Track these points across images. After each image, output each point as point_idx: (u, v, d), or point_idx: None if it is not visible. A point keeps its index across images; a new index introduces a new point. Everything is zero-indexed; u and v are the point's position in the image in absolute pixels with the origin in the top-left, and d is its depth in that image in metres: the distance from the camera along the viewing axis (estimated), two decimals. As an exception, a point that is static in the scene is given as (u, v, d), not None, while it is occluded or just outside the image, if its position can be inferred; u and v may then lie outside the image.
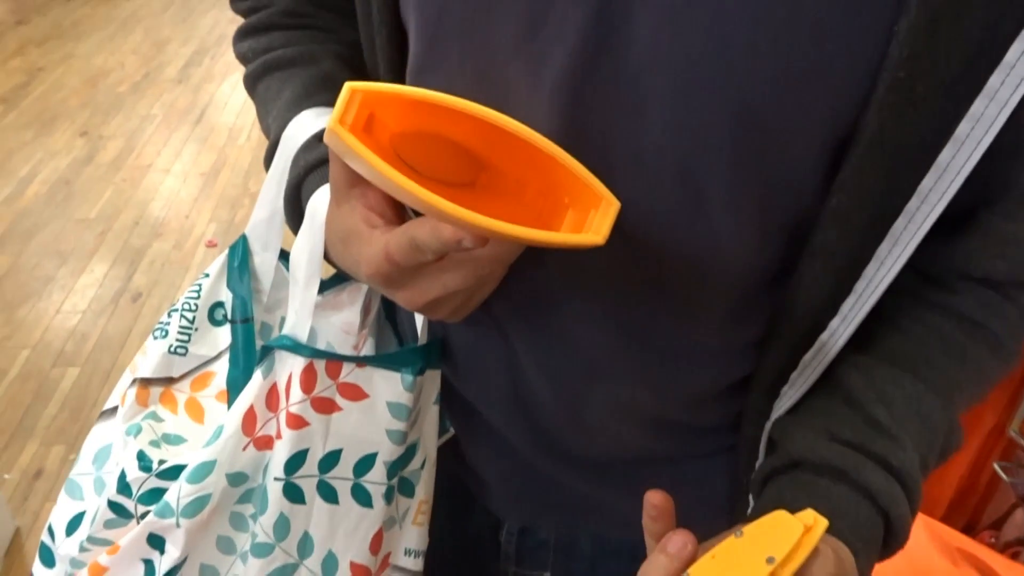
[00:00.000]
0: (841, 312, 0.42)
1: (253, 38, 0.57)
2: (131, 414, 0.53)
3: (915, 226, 0.38)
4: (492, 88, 0.41)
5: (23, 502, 1.59)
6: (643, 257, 0.42)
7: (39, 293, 2.13)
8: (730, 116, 0.36)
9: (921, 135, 0.36)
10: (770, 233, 0.41)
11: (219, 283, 0.56)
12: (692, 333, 0.46)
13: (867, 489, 0.40)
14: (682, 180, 0.39)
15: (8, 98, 3.10)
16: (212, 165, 2.70)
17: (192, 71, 3.36)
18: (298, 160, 0.49)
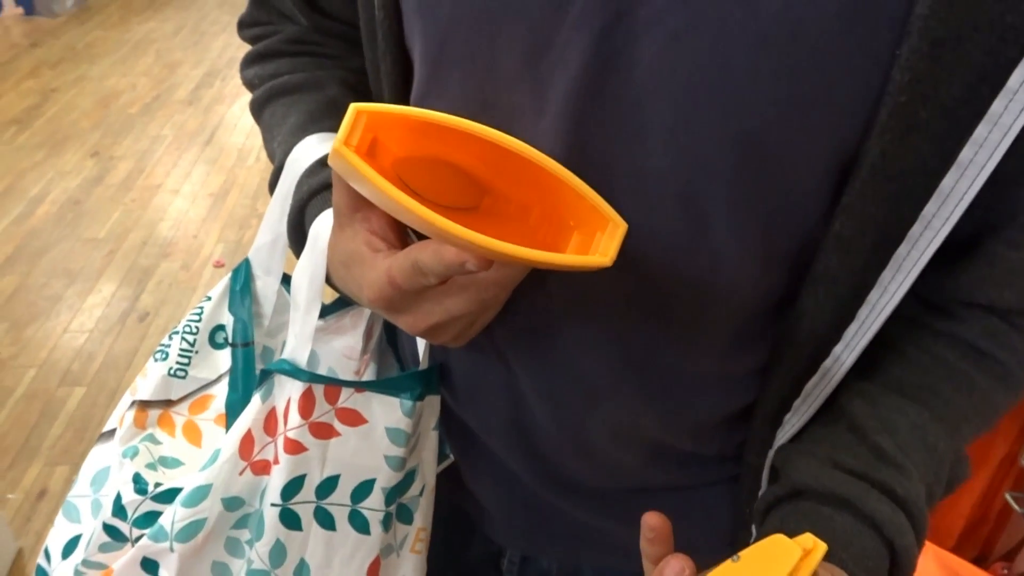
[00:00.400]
0: (844, 339, 0.42)
1: (259, 65, 0.57)
2: (128, 436, 0.52)
3: (918, 252, 0.38)
4: (495, 113, 0.41)
5: (26, 523, 1.58)
6: (646, 282, 0.42)
7: (47, 312, 2.13)
8: (732, 140, 0.36)
9: (924, 160, 0.35)
10: (773, 259, 0.41)
11: (221, 306, 0.56)
12: (694, 360, 0.46)
13: (872, 518, 0.39)
14: (684, 204, 0.38)
15: (21, 119, 3.13)
16: (221, 186, 2.71)
17: (202, 93, 3.39)
18: (302, 184, 0.49)
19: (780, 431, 0.46)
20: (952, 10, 0.31)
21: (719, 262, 0.40)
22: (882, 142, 0.34)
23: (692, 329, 0.44)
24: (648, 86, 0.36)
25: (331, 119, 0.53)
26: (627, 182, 0.39)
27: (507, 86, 0.40)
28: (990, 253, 0.40)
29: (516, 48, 0.38)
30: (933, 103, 0.33)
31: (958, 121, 0.34)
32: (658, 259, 0.41)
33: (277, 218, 0.52)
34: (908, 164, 0.35)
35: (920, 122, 0.34)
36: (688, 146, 0.37)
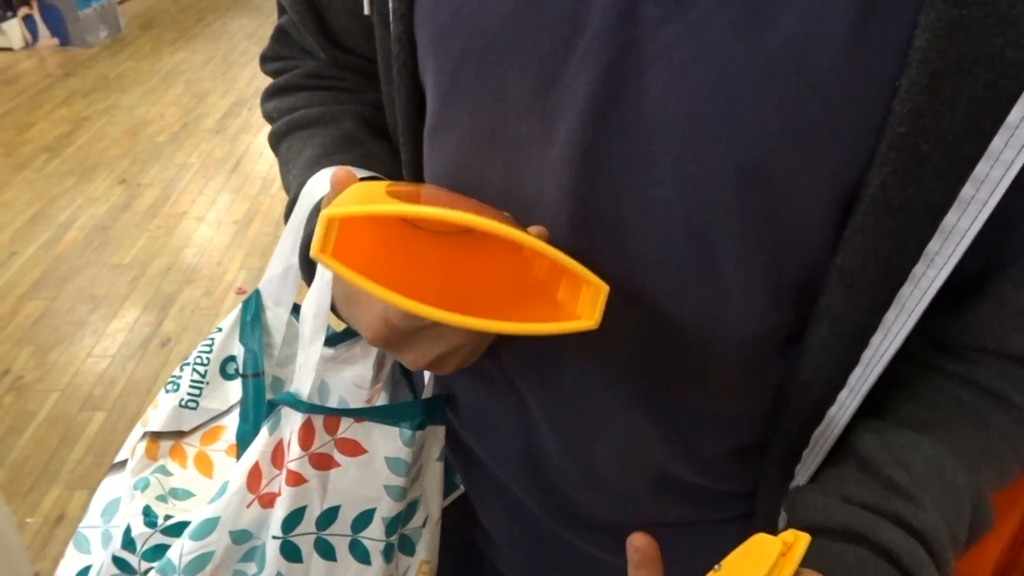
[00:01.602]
0: (849, 384, 0.41)
1: (278, 99, 0.59)
2: (140, 468, 0.53)
3: (921, 291, 0.37)
4: (504, 146, 0.41)
5: (43, 548, 1.59)
6: (653, 313, 0.42)
7: (71, 337, 2.16)
8: (737, 171, 0.36)
9: (926, 195, 0.35)
10: (781, 292, 0.40)
11: (232, 337, 0.57)
12: (701, 394, 0.45)
13: (887, 550, 0.37)
14: (692, 235, 0.38)
15: (53, 146, 3.20)
16: (245, 214, 2.75)
17: (229, 122, 3.45)
18: (310, 222, 0.50)
19: (792, 481, 0.45)
20: (951, 43, 0.31)
21: (727, 294, 0.40)
22: (882, 174, 0.34)
23: (699, 362, 0.43)
24: (655, 117, 0.36)
25: (345, 153, 0.54)
26: (635, 213, 0.39)
27: (516, 118, 0.40)
28: (998, 293, 0.39)
29: (525, 81, 0.39)
30: (934, 136, 0.33)
31: (960, 156, 0.34)
32: (666, 291, 0.41)
33: (288, 250, 0.53)
34: (910, 198, 0.35)
35: (921, 155, 0.34)
36: (695, 177, 0.37)
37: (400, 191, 0.40)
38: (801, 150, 0.35)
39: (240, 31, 4.53)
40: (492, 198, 0.44)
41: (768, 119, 0.34)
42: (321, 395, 0.49)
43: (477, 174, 0.44)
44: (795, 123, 0.34)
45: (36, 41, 4.37)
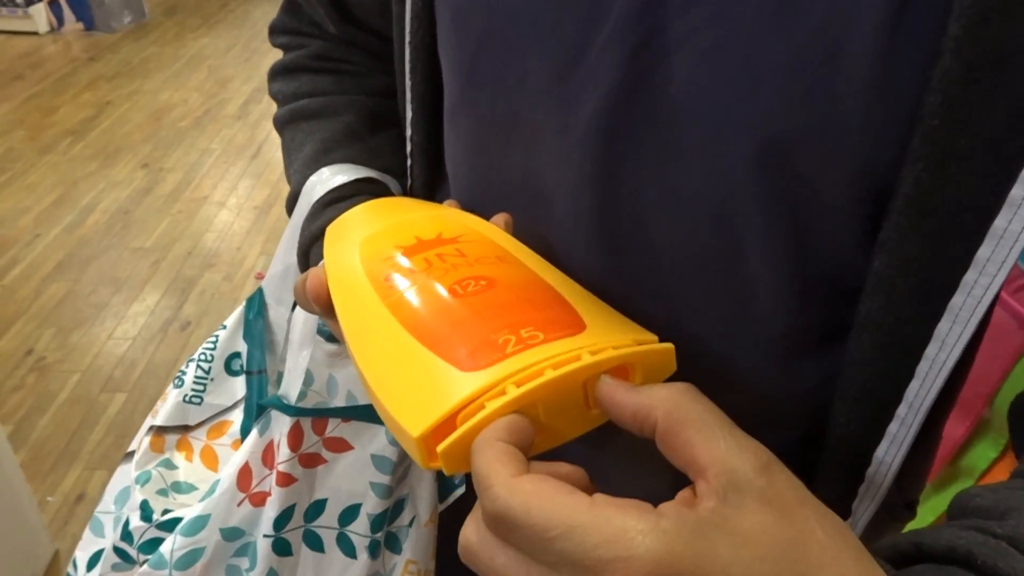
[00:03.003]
0: (906, 399, 0.38)
1: (283, 80, 0.59)
2: (144, 461, 0.54)
3: (974, 300, 0.34)
4: (523, 130, 0.40)
5: (64, 526, 1.61)
6: (677, 309, 0.40)
7: (93, 319, 2.18)
8: (763, 161, 0.35)
9: (971, 197, 0.33)
10: (808, 291, 0.39)
11: (236, 334, 0.57)
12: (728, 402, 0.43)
13: (952, 549, 0.31)
14: (717, 227, 0.37)
15: (77, 130, 3.23)
16: (265, 199, 2.76)
17: (251, 108, 3.46)
18: (304, 229, 0.50)
19: (851, 519, 0.42)
20: (989, 30, 0.29)
21: (753, 290, 0.39)
22: (915, 170, 0.32)
23: (725, 362, 0.42)
24: (680, 104, 0.35)
25: (345, 148, 0.53)
26: (658, 203, 0.38)
27: (537, 102, 0.39)
28: None
29: (547, 63, 0.38)
30: (973, 132, 0.31)
31: (1005, 154, 0.32)
32: (690, 285, 0.39)
33: (287, 249, 0.53)
34: (950, 199, 0.33)
35: (959, 152, 0.32)
36: (719, 166, 0.36)
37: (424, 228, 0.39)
38: (829, 142, 0.33)
39: (263, 17, 4.55)
40: (510, 184, 0.43)
41: (795, 109, 0.33)
42: (329, 390, 0.49)
43: (495, 159, 0.43)
44: (823, 113, 0.33)
45: (61, 26, 4.40)
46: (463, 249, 0.37)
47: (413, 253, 0.37)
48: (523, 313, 0.31)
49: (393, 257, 0.38)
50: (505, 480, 0.27)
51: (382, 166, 0.53)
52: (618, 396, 0.30)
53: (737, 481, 0.26)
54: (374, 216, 0.44)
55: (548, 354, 0.29)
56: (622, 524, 0.25)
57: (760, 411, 0.43)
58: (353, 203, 0.50)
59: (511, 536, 0.26)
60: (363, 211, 0.45)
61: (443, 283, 0.34)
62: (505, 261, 0.36)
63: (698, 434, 0.27)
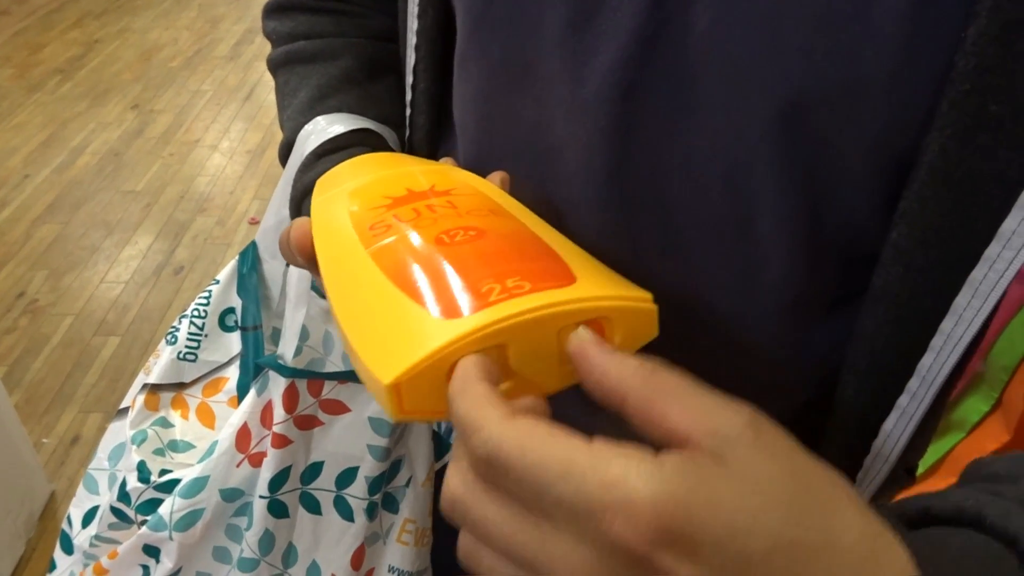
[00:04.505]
0: (919, 372, 0.37)
1: (278, 18, 0.56)
2: (139, 420, 0.53)
3: (996, 275, 0.33)
4: (535, 80, 0.39)
5: (59, 467, 1.62)
6: (688, 270, 0.40)
7: (84, 262, 2.17)
8: (781, 122, 0.33)
9: (999, 166, 0.31)
10: (822, 258, 0.38)
11: (229, 289, 0.57)
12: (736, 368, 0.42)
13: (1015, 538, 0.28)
14: (731, 187, 0.36)
15: (65, 68, 3.16)
16: (258, 143, 2.72)
17: (243, 49, 3.39)
18: (297, 181, 0.49)
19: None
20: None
21: (765, 254, 0.38)
22: (942, 137, 0.31)
23: (735, 326, 0.41)
24: (698, 58, 0.34)
25: (341, 94, 0.52)
26: (674, 161, 0.37)
27: (550, 52, 0.38)
28: None
29: (563, 11, 0.36)
30: (1007, 97, 0.30)
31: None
32: (703, 246, 0.39)
33: (281, 201, 0.52)
34: (977, 168, 0.31)
35: (990, 118, 0.30)
36: (737, 125, 0.34)
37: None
38: (851, 103, 0.32)
39: (255, -46, 4.42)
40: (519, 137, 0.42)
41: (819, 67, 0.32)
42: (325, 346, 0.49)
43: (504, 109, 0.42)
44: (848, 73, 0.31)
45: (47, -41, 4.27)
46: (455, 201, 0.36)
47: (402, 203, 0.36)
48: (510, 263, 0.30)
49: (381, 207, 0.36)
50: (498, 421, 0.25)
51: (380, 115, 0.52)
52: (590, 352, 0.28)
53: (727, 437, 0.24)
54: (366, 169, 0.43)
55: (533, 304, 0.27)
56: (623, 467, 0.23)
57: (767, 376, 0.43)
58: (348, 155, 0.48)
59: (503, 481, 0.25)
60: (355, 164, 0.44)
61: (430, 232, 0.32)
62: (497, 214, 0.35)
63: (676, 403, 0.26)
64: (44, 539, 1.48)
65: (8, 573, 1.41)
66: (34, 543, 1.48)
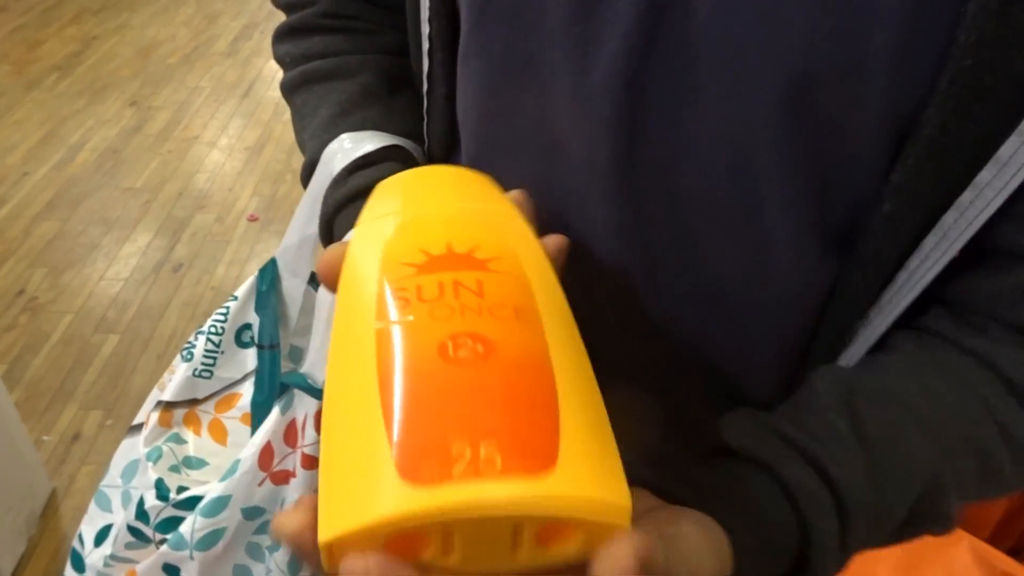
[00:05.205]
0: (880, 303, 0.38)
1: (291, 41, 0.56)
2: (153, 437, 0.53)
3: (966, 221, 0.34)
4: (538, 73, 0.39)
5: (60, 464, 1.62)
6: (696, 258, 0.40)
7: (84, 259, 2.16)
8: (785, 105, 0.34)
9: (984, 128, 0.32)
10: (828, 241, 0.38)
11: (247, 305, 0.56)
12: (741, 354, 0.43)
13: (786, 486, 0.34)
14: (736, 174, 0.36)
15: (62, 65, 3.15)
16: (257, 140, 2.72)
17: (241, 45, 3.38)
18: (328, 198, 0.48)
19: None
20: None
21: (773, 239, 0.38)
22: (942, 113, 0.32)
23: (743, 314, 0.41)
24: (701, 44, 0.34)
25: (364, 110, 0.51)
26: (679, 149, 0.37)
27: (552, 43, 0.38)
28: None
29: (564, 1, 0.36)
30: (1001, 69, 0.31)
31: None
32: (710, 234, 0.39)
33: (306, 220, 0.51)
34: (967, 135, 0.32)
35: (984, 89, 0.31)
36: (741, 110, 0.35)
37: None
38: (855, 82, 0.32)
39: (252, -50, 4.40)
40: (523, 131, 0.41)
41: (822, 47, 0.32)
42: None
43: (508, 104, 0.42)
44: (851, 52, 0.32)
45: (44, -45, 4.26)
46: (486, 283, 0.32)
47: (432, 269, 0.33)
48: (495, 416, 0.26)
49: (413, 265, 0.33)
50: None
51: (403, 129, 0.51)
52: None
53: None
54: (423, 189, 0.39)
55: (492, 497, 0.24)
56: None
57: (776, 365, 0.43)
58: (379, 170, 0.47)
59: None
60: (413, 179, 0.40)
61: (438, 331, 0.29)
62: (521, 318, 0.31)
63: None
64: (45, 536, 1.49)
65: (10, 570, 1.42)
66: (35, 540, 1.48)
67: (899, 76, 0.32)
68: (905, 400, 0.37)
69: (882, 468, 0.35)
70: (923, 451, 0.36)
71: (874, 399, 0.37)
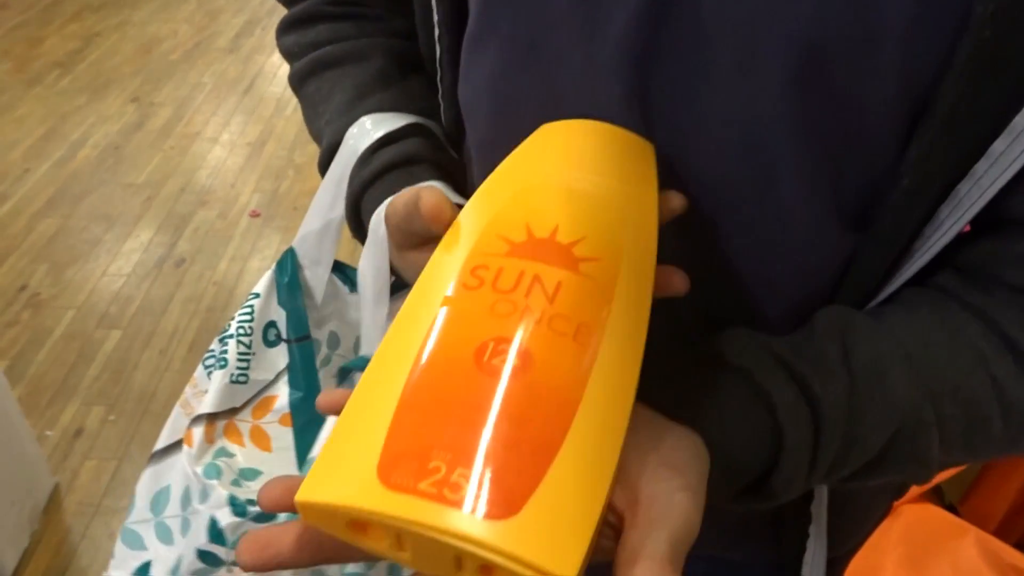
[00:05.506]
0: (894, 273, 0.38)
1: (298, 31, 0.55)
2: (200, 454, 0.50)
3: (979, 190, 0.34)
4: (546, 53, 0.39)
5: (63, 460, 1.62)
6: (710, 238, 0.39)
7: (86, 255, 2.16)
8: (797, 78, 0.33)
9: (1001, 100, 0.32)
10: (846, 219, 0.38)
11: (270, 301, 0.54)
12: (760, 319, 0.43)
13: (767, 396, 0.34)
14: (750, 151, 0.36)
15: (64, 62, 3.15)
16: (258, 136, 2.71)
17: (243, 41, 3.38)
18: (353, 179, 0.48)
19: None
20: None
21: (787, 217, 0.38)
22: (960, 85, 0.31)
23: (757, 293, 0.41)
24: (711, 18, 0.34)
25: (378, 93, 0.50)
26: (690, 127, 0.36)
27: (561, 22, 0.37)
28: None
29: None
30: (1019, 39, 0.30)
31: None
32: (723, 212, 0.38)
33: (328, 205, 0.49)
34: (984, 108, 0.32)
35: (1002, 61, 0.31)
36: (752, 88, 0.34)
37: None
38: (868, 54, 0.32)
39: (253, -54, 4.40)
40: (532, 114, 0.41)
41: (834, 18, 0.31)
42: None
43: (517, 86, 0.41)
44: (864, 23, 0.31)
45: (45, -48, 4.25)
46: (566, 287, 0.30)
47: (524, 255, 0.31)
48: (486, 445, 0.26)
49: (507, 243, 0.32)
50: None
51: (419, 110, 0.50)
52: None
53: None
54: (574, 149, 0.37)
55: (441, 526, 0.24)
56: None
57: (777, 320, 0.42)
58: (406, 144, 0.47)
59: None
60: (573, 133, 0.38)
61: (488, 330, 0.29)
62: (579, 340, 0.29)
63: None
64: (48, 531, 1.49)
65: (13, 564, 1.41)
66: (38, 535, 1.48)
67: (913, 48, 0.31)
68: (898, 340, 0.36)
69: (863, 395, 0.35)
70: (907, 388, 0.35)
71: (867, 334, 0.37)
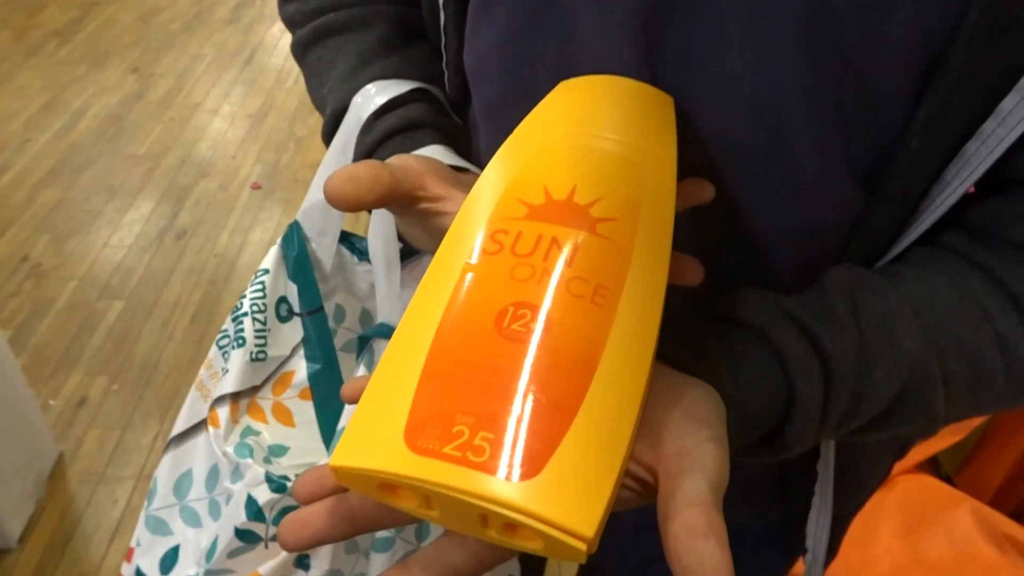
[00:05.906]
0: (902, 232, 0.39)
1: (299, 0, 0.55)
2: (227, 434, 0.50)
3: (987, 149, 0.34)
4: (558, 16, 0.39)
5: (67, 429, 1.63)
6: (722, 196, 0.39)
7: (87, 226, 2.16)
8: (808, 42, 0.33)
9: (1011, 59, 0.32)
10: (856, 179, 0.38)
11: (279, 276, 0.54)
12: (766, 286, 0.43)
13: (779, 351, 0.35)
14: (761, 111, 0.36)
15: (63, 32, 3.13)
16: (259, 107, 2.70)
17: (243, 12, 3.35)
18: (359, 145, 0.48)
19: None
20: None
21: (798, 178, 0.38)
22: (971, 46, 0.31)
23: (768, 253, 0.41)
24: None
25: (383, 59, 0.50)
26: (701, 89, 0.37)
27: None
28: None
29: None
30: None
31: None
32: (735, 173, 0.38)
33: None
34: (995, 68, 0.32)
35: (1014, 19, 0.31)
36: (763, 48, 0.34)
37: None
38: (879, 16, 0.32)
39: (253, -85, 4.34)
40: (543, 79, 0.41)
41: None
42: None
43: (528, 50, 0.41)
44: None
45: (42, -80, 4.20)
46: (583, 249, 0.30)
47: (542, 217, 0.31)
48: (508, 408, 0.26)
49: (525, 206, 0.32)
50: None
51: (424, 76, 0.50)
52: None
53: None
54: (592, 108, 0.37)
55: (466, 488, 0.25)
56: None
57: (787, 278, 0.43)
58: (410, 109, 0.47)
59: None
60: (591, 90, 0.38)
61: (507, 295, 0.29)
62: (597, 301, 0.29)
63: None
64: (53, 499, 1.50)
65: (19, 532, 1.43)
66: (43, 503, 1.49)
67: (924, 10, 0.31)
68: (906, 296, 0.37)
69: (872, 350, 0.36)
70: (915, 343, 0.36)
71: (876, 291, 0.37)
